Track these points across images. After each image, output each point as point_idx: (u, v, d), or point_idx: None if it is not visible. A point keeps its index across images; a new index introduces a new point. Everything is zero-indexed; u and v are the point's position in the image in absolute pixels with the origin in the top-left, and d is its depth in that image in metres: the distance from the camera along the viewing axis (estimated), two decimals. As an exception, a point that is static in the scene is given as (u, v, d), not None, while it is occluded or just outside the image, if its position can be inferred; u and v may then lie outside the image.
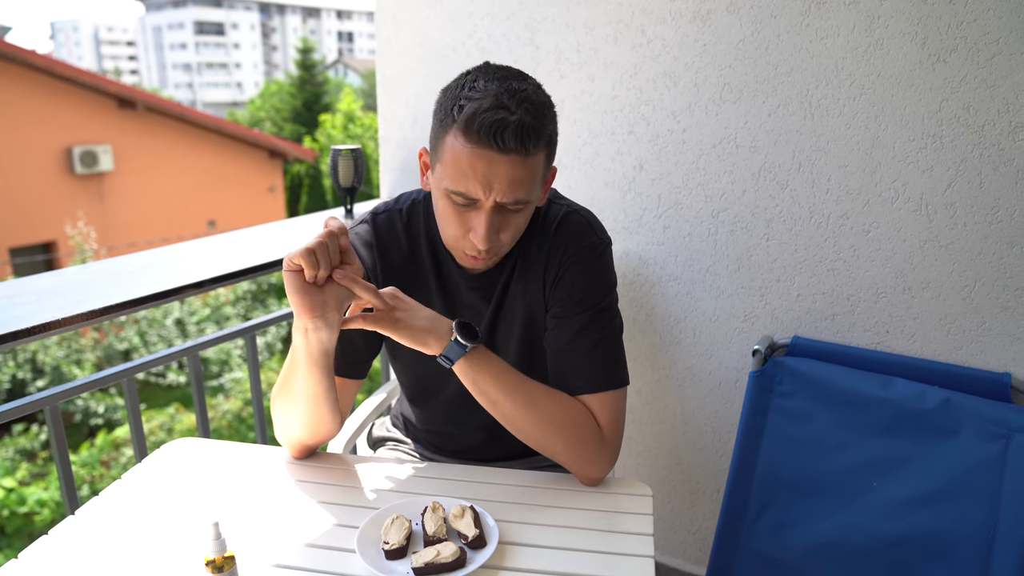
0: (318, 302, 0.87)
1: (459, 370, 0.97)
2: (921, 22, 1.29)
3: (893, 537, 1.34)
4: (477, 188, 0.91)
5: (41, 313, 1.24)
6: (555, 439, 0.99)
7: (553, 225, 1.06)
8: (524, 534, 0.88)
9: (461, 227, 0.96)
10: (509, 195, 0.91)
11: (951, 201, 1.34)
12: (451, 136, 0.91)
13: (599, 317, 1.03)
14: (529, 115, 0.88)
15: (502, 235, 0.96)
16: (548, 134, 0.93)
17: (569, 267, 1.04)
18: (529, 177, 0.92)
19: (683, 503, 1.81)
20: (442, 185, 0.94)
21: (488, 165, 0.89)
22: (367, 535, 0.84)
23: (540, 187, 0.97)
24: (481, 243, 0.94)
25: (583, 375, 1.02)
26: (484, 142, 0.88)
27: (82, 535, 0.86)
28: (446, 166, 0.92)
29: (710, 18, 1.47)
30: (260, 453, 1.07)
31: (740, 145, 1.51)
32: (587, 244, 1.05)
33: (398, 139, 2.01)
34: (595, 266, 1.05)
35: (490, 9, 1.74)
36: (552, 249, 1.05)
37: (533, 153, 0.91)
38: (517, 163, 0.90)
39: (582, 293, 1.03)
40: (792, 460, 1.46)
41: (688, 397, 1.73)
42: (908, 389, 1.37)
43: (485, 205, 0.92)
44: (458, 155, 0.90)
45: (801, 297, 1.52)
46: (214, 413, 6.41)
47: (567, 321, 1.03)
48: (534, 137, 0.90)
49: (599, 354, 1.02)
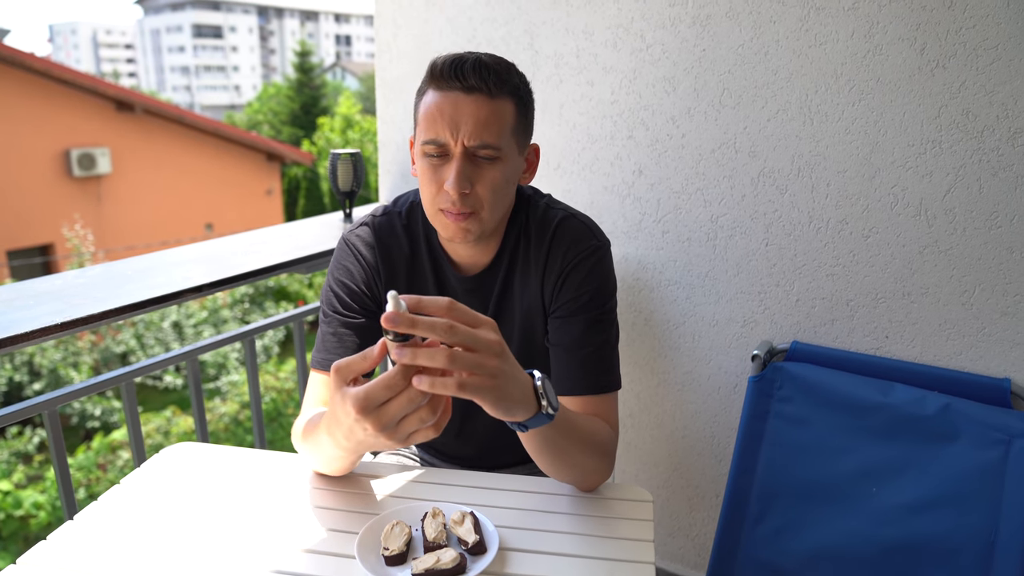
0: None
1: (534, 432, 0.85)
2: (920, 28, 1.29)
3: (893, 543, 1.34)
4: (445, 131, 0.94)
5: (39, 317, 1.23)
6: (589, 461, 0.95)
7: (551, 228, 1.06)
8: (524, 540, 0.88)
9: (436, 183, 0.97)
10: (476, 137, 0.94)
11: (950, 206, 1.34)
12: (424, 97, 0.97)
13: (603, 319, 1.04)
14: (489, 59, 0.96)
15: (477, 187, 0.96)
16: (514, 84, 0.98)
17: (572, 270, 1.04)
18: (496, 120, 0.95)
19: (682, 508, 1.81)
20: (418, 145, 0.98)
21: (454, 106, 0.94)
22: (367, 541, 0.83)
23: (513, 142, 0.99)
24: (452, 188, 0.94)
25: (588, 376, 1.02)
26: (445, 81, 0.94)
27: (81, 540, 0.86)
28: (420, 125, 0.98)
29: (709, 23, 1.48)
30: (259, 458, 1.06)
31: (739, 150, 1.51)
32: (588, 247, 1.05)
33: (397, 142, 2.00)
34: (598, 269, 1.05)
35: (489, 13, 1.74)
36: (551, 252, 1.05)
37: (497, 96, 0.95)
38: (482, 103, 0.94)
39: (588, 296, 1.03)
40: (792, 465, 1.46)
41: (687, 402, 1.73)
42: (908, 394, 1.37)
43: (455, 151, 0.95)
44: (428, 106, 0.96)
45: (800, 302, 1.52)
46: (211, 416, 6.39)
47: (572, 322, 1.03)
48: (494, 77, 0.94)
49: (604, 355, 1.03)
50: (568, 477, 0.96)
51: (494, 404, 0.74)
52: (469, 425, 1.20)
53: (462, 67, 0.93)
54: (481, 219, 0.99)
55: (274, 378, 6.86)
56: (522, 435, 0.85)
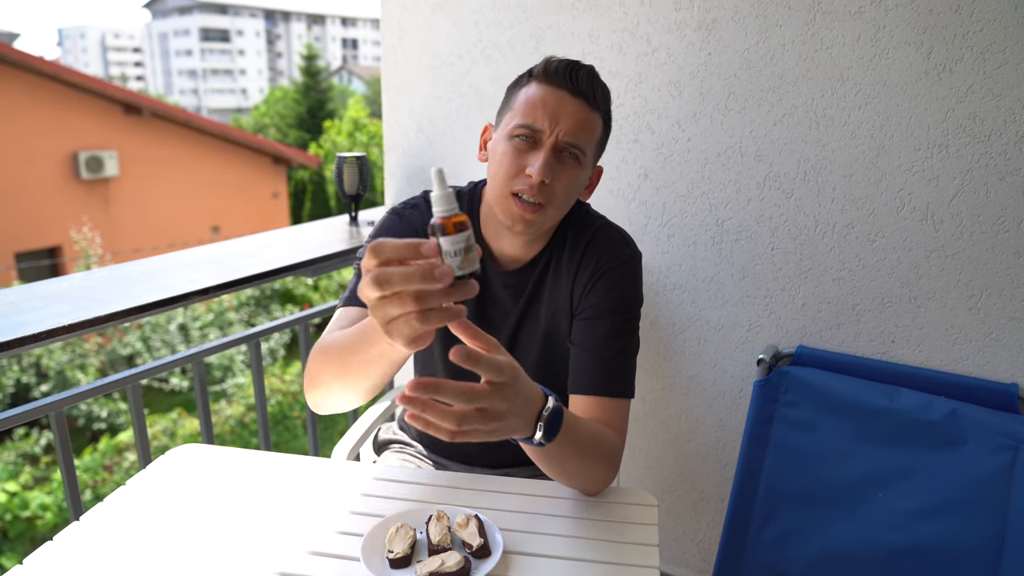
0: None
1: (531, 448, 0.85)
2: (926, 32, 1.29)
3: (899, 549, 1.33)
4: (544, 119, 0.98)
5: (47, 319, 1.24)
6: (590, 472, 0.95)
7: (588, 234, 1.10)
8: (529, 543, 0.87)
9: (517, 166, 0.99)
10: (572, 135, 0.98)
11: (957, 211, 1.33)
12: (525, 88, 1.02)
13: (627, 327, 1.07)
14: (598, 74, 1.02)
15: (555, 182, 0.99)
16: (608, 107, 1.05)
17: (604, 275, 1.06)
18: (589, 128, 1.01)
19: (687, 512, 1.81)
20: (508, 128, 1.01)
21: (558, 101, 0.98)
22: (371, 544, 0.83)
23: (592, 153, 1.04)
24: (537, 174, 0.97)
25: (605, 378, 1.03)
26: (557, 80, 0.99)
27: (87, 541, 0.86)
28: (516, 111, 1.01)
29: (715, 27, 1.48)
30: (264, 460, 1.06)
31: (745, 154, 1.51)
32: (622, 255, 1.08)
33: (403, 146, 2.01)
34: (628, 278, 1.08)
35: (495, 17, 1.74)
36: (585, 257, 1.08)
37: (595, 108, 1.01)
38: (584, 108, 0.99)
39: (615, 300, 1.06)
40: (797, 470, 1.45)
41: (692, 406, 1.72)
42: (914, 400, 1.36)
43: (547, 141, 0.98)
44: (531, 95, 1.00)
45: (806, 306, 1.52)
46: (217, 418, 6.41)
47: (597, 324, 1.05)
48: (601, 91, 1.02)
49: (622, 361, 1.05)
50: (569, 483, 0.97)
51: (486, 437, 0.75)
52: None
53: (577, 72, 0.99)
54: (546, 214, 1.02)
55: (280, 380, 6.88)
56: (523, 444, 0.85)
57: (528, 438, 0.81)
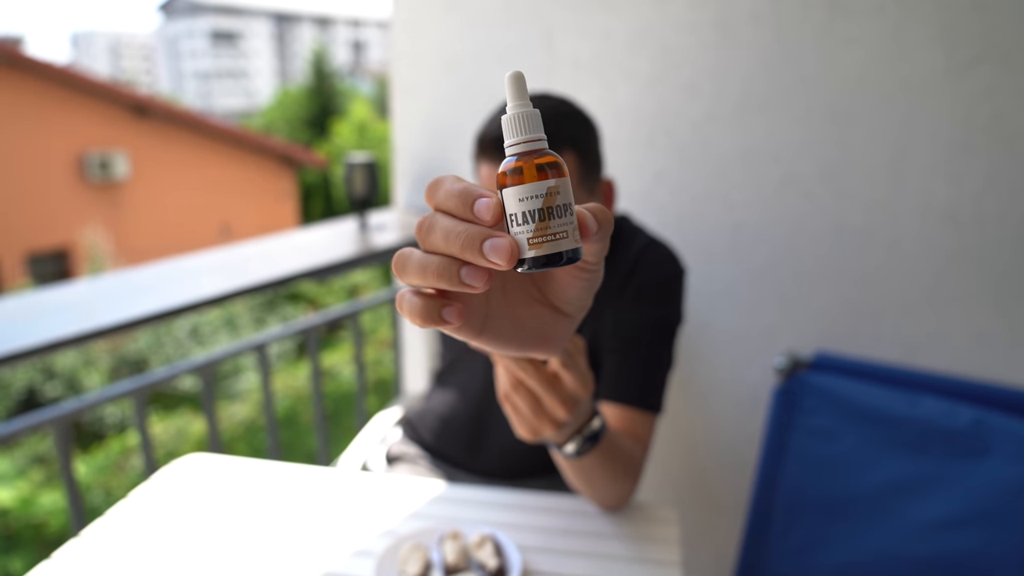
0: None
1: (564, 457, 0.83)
2: (949, 30, 1.26)
3: (924, 560, 1.30)
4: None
5: (54, 329, 1.23)
6: (615, 486, 0.93)
7: (636, 254, 1.08)
8: (546, 563, 0.85)
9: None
10: None
11: (981, 213, 1.30)
12: (475, 162, 0.99)
13: (665, 339, 1.05)
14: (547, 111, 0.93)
15: None
16: (567, 136, 0.96)
17: (650, 287, 1.05)
18: None
19: (704, 521, 1.78)
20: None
21: (489, 174, 0.95)
22: (385, 564, 0.81)
23: (578, 191, 0.99)
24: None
25: (638, 388, 1.01)
26: (492, 154, 0.94)
27: (85, 560, 0.84)
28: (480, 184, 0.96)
29: (732, 27, 1.45)
30: (272, 470, 1.04)
31: (763, 156, 1.47)
32: (670, 271, 1.08)
33: (413, 149, 1.98)
34: (674, 291, 1.07)
35: (506, 17, 1.72)
36: (632, 275, 1.07)
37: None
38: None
39: (657, 314, 1.05)
40: (817, 479, 1.42)
41: (709, 413, 1.69)
42: (938, 407, 1.32)
43: None
44: (482, 175, 0.98)
45: (825, 311, 1.49)
46: (228, 422, 6.41)
47: (636, 335, 1.03)
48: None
49: (656, 372, 1.03)
50: (591, 495, 0.93)
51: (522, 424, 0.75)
52: (488, 440, 1.18)
53: (483, 140, 0.95)
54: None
55: (292, 378, 6.88)
56: (551, 451, 0.84)
57: (560, 445, 0.80)
